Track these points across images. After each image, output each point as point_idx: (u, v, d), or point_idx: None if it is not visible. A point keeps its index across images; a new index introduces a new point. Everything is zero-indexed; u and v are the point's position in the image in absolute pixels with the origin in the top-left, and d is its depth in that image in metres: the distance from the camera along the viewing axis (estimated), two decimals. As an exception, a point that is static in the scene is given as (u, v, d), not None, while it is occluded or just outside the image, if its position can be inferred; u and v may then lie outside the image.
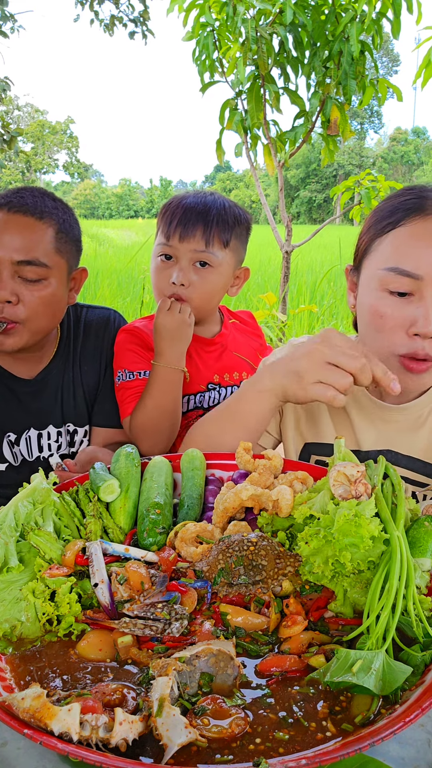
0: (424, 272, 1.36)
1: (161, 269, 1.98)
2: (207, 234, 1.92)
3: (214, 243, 1.93)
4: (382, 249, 1.45)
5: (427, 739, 0.85)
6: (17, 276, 1.75)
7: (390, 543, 0.96)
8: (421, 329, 1.37)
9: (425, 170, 57.76)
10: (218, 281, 1.98)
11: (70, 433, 2.05)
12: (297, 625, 0.97)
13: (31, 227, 1.76)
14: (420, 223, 1.40)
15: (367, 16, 4.28)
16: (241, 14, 4.40)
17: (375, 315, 1.44)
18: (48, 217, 1.80)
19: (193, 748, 0.77)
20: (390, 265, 1.40)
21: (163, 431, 1.88)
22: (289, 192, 65.61)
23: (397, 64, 77.20)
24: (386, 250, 1.43)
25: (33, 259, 1.74)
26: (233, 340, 2.21)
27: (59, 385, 2.02)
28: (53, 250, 1.80)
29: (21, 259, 1.73)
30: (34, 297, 1.77)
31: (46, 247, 1.78)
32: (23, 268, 1.74)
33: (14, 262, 1.73)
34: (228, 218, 1.97)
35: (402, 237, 1.41)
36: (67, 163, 74.70)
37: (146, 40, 9.22)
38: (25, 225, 1.76)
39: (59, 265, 1.83)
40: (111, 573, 1.07)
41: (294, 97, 4.91)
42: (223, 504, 1.23)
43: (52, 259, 1.79)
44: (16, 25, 9.02)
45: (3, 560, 1.04)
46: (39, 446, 2.00)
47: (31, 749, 0.83)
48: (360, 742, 0.74)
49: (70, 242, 1.87)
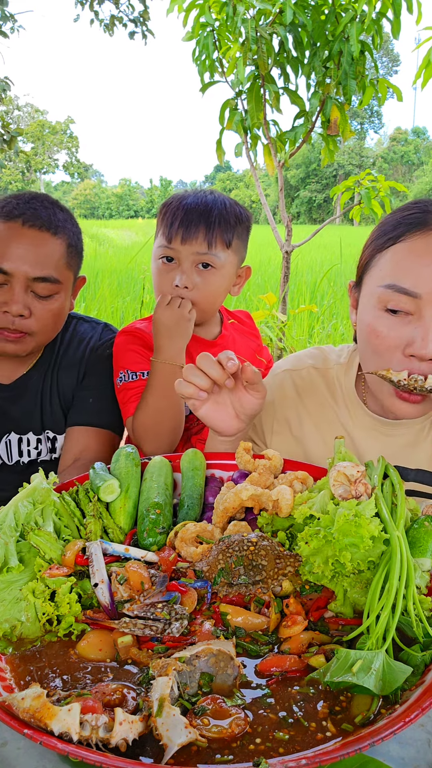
0: (423, 291, 1.30)
1: (163, 272, 1.96)
2: (209, 235, 1.89)
3: (216, 244, 1.90)
4: (381, 265, 1.40)
5: (427, 739, 0.85)
6: (30, 290, 1.75)
7: (390, 543, 0.96)
8: (417, 351, 1.31)
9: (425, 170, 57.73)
10: (221, 282, 1.96)
11: (51, 440, 2.04)
12: (297, 625, 0.97)
13: (46, 242, 1.76)
14: (420, 239, 1.34)
15: (367, 16, 4.28)
16: (241, 14, 4.40)
17: (372, 334, 1.39)
18: (61, 231, 1.80)
19: (193, 748, 0.77)
20: (388, 282, 1.35)
21: (165, 431, 1.86)
22: (289, 192, 65.62)
23: (397, 64, 77.21)
24: (385, 267, 1.39)
25: (47, 275, 1.75)
26: (233, 341, 2.19)
27: (38, 392, 2.00)
28: (65, 265, 1.81)
29: (36, 275, 1.74)
30: (46, 310, 1.79)
31: (59, 262, 1.78)
32: (37, 284, 1.75)
33: (29, 278, 1.73)
34: (230, 218, 1.94)
35: (401, 253, 1.36)
36: (67, 163, 74.70)
37: (146, 40, 9.22)
38: (41, 240, 1.75)
39: (68, 279, 1.84)
40: (111, 573, 1.07)
41: (294, 97, 4.90)
42: (223, 504, 1.22)
43: (63, 274, 1.80)
44: (16, 25, 9.02)
45: (3, 560, 1.04)
46: (19, 451, 2.00)
47: (31, 749, 0.83)
48: (360, 742, 0.74)
49: (77, 255, 1.89)
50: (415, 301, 1.31)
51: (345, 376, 1.66)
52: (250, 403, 1.44)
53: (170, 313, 1.86)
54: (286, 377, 1.72)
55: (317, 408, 1.67)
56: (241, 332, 2.27)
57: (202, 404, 1.42)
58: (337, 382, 1.66)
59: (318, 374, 1.69)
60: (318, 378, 1.68)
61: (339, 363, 1.68)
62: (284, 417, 1.71)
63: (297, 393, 1.69)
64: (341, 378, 1.66)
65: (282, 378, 1.73)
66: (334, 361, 1.70)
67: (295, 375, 1.71)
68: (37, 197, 1.86)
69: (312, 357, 1.74)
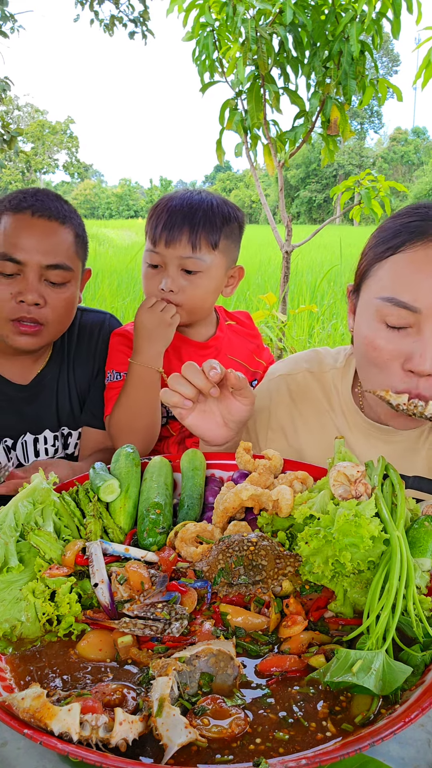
0: (423, 305, 1.26)
1: (150, 276, 1.95)
2: (193, 238, 1.85)
3: (201, 247, 1.87)
4: (380, 275, 1.36)
5: (427, 739, 0.85)
6: (43, 279, 1.77)
7: (390, 543, 0.96)
8: (416, 367, 1.27)
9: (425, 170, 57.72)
10: (209, 285, 1.94)
11: (64, 436, 2.05)
12: (297, 625, 0.97)
13: (56, 231, 1.79)
14: (421, 250, 1.29)
15: (367, 16, 4.27)
16: (241, 14, 4.40)
17: (369, 347, 1.35)
18: (68, 221, 1.83)
19: (193, 748, 0.77)
20: (387, 295, 1.31)
21: (137, 430, 1.86)
22: (289, 192, 65.61)
23: (397, 64, 77.22)
24: (384, 278, 1.34)
25: (60, 263, 1.78)
26: (228, 343, 2.17)
27: (54, 390, 2.02)
28: (74, 253, 1.84)
29: (49, 263, 1.76)
30: (60, 299, 1.81)
31: (69, 250, 1.81)
32: (50, 272, 1.77)
33: (42, 266, 1.76)
34: (216, 219, 1.90)
35: (401, 264, 1.31)
36: (67, 163, 74.71)
37: (146, 40, 9.22)
38: (51, 229, 1.78)
39: (78, 267, 1.87)
40: (111, 573, 1.07)
41: (294, 97, 4.90)
42: (223, 504, 1.22)
43: (74, 262, 1.83)
44: (16, 25, 9.02)
45: (3, 560, 1.04)
46: (35, 451, 2.01)
47: (31, 749, 0.83)
48: (360, 742, 0.74)
49: (84, 245, 1.91)
50: (415, 315, 1.28)
51: (341, 381, 1.63)
52: (238, 410, 1.43)
53: (151, 316, 1.85)
54: (281, 383, 1.69)
55: (313, 414, 1.64)
56: (238, 333, 2.25)
57: (188, 413, 1.42)
58: (334, 387, 1.64)
59: (313, 378, 1.66)
60: (313, 383, 1.66)
61: (335, 367, 1.66)
62: (279, 424, 1.68)
63: (291, 399, 1.67)
64: (337, 382, 1.63)
65: (277, 383, 1.70)
66: (330, 365, 1.67)
67: (290, 380, 1.68)
68: (42, 191, 1.90)
69: (307, 361, 1.70)
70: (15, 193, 1.87)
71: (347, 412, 1.61)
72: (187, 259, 1.87)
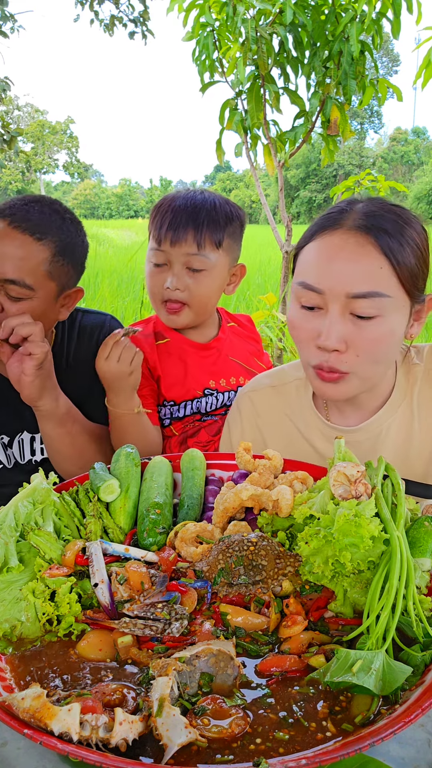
0: (325, 287, 1.38)
1: (155, 274, 1.94)
2: (198, 236, 1.87)
3: (206, 245, 1.88)
4: (299, 264, 1.50)
5: (427, 739, 0.85)
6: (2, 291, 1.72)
7: (390, 543, 0.96)
8: (322, 343, 1.39)
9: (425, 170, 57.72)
10: (213, 283, 1.95)
11: None
12: (297, 625, 0.97)
13: (26, 248, 1.71)
14: (328, 238, 1.42)
15: (367, 16, 4.27)
16: (241, 14, 4.40)
17: (291, 327, 1.50)
18: (48, 238, 1.75)
19: (193, 748, 0.77)
20: (299, 280, 1.44)
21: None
22: (289, 192, 65.60)
23: (397, 64, 77.20)
24: (300, 265, 1.49)
25: (18, 279, 1.70)
26: (230, 345, 2.17)
27: None
28: (44, 273, 1.75)
29: (6, 277, 1.69)
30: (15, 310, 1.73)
31: (35, 269, 1.73)
32: (8, 285, 1.71)
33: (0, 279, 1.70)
34: (219, 218, 1.92)
35: (310, 252, 1.45)
36: (67, 163, 74.68)
37: (146, 40, 9.21)
38: (20, 243, 1.71)
39: (47, 287, 1.78)
40: (111, 573, 1.07)
41: (294, 97, 4.90)
42: (223, 504, 1.22)
43: (39, 282, 1.74)
44: (16, 25, 9.01)
45: (3, 560, 1.04)
46: (32, 449, 2.00)
47: (31, 749, 0.83)
48: (360, 742, 0.74)
49: (68, 264, 1.82)
50: (321, 296, 1.39)
51: (304, 390, 1.70)
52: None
53: (108, 368, 1.77)
54: (245, 399, 1.77)
55: (273, 427, 1.72)
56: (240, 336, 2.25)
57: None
58: (296, 397, 1.70)
59: (274, 393, 1.74)
60: (274, 397, 1.73)
61: (298, 377, 1.72)
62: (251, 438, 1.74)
63: (256, 414, 1.74)
64: (300, 391, 1.70)
65: (243, 400, 1.78)
66: (293, 375, 1.74)
67: (254, 396, 1.76)
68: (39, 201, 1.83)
69: (269, 376, 1.80)
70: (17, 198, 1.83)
71: (309, 418, 1.66)
72: (192, 257, 1.88)
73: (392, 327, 1.39)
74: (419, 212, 1.52)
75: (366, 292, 1.34)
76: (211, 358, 2.09)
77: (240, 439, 1.73)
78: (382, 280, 1.35)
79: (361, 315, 1.36)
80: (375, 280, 1.35)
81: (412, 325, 1.48)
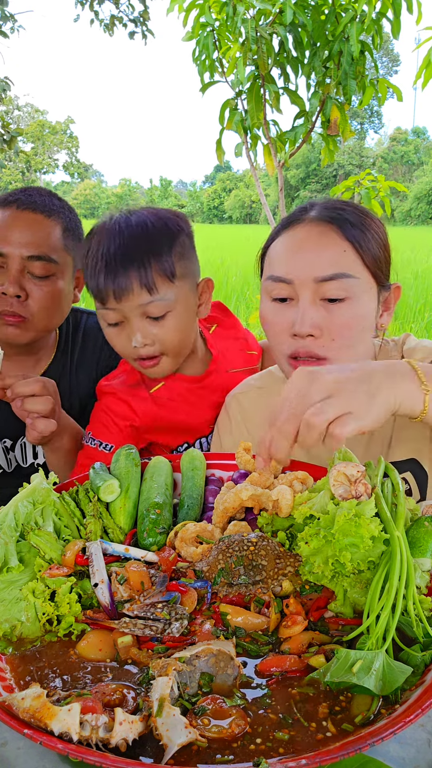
0: (294, 276, 1.44)
1: (114, 335, 1.67)
2: (145, 279, 1.55)
3: (158, 286, 1.57)
4: (267, 261, 1.56)
5: (427, 739, 0.85)
6: (26, 272, 1.77)
7: (390, 543, 0.96)
8: (297, 329, 1.43)
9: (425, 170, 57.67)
10: (182, 321, 1.66)
11: None
12: (297, 625, 0.97)
13: (40, 223, 1.79)
14: (290, 233, 1.50)
15: (367, 16, 4.27)
16: (241, 14, 4.40)
17: (264, 322, 1.55)
18: (56, 215, 1.83)
19: (193, 748, 0.77)
20: (268, 275, 1.51)
21: None
22: (289, 192, 65.56)
23: (397, 64, 77.23)
24: (268, 261, 1.55)
25: (42, 254, 1.77)
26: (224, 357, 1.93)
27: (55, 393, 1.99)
28: (61, 246, 1.83)
29: (31, 254, 1.76)
30: (42, 293, 1.80)
31: (54, 243, 1.80)
32: (32, 263, 1.77)
33: (24, 257, 1.75)
34: (160, 244, 1.59)
35: (277, 247, 1.52)
36: (67, 163, 74.69)
37: (146, 40, 9.22)
38: (35, 221, 1.79)
39: (66, 261, 1.85)
40: (111, 573, 1.07)
41: (294, 97, 4.90)
42: (223, 504, 1.22)
43: (60, 255, 1.82)
44: (16, 25, 9.02)
45: (3, 560, 1.04)
46: (34, 453, 2.00)
47: (31, 749, 0.83)
48: (360, 742, 0.74)
49: (76, 240, 1.89)
50: (291, 286, 1.45)
51: None
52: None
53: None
54: (233, 402, 1.78)
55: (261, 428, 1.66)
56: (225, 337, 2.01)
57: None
58: None
59: (262, 394, 1.74)
60: (261, 399, 1.73)
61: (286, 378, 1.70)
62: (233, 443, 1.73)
63: (243, 416, 1.75)
64: None
65: (229, 403, 1.79)
66: (281, 377, 1.72)
67: (242, 398, 1.77)
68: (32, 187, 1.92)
69: (257, 379, 1.80)
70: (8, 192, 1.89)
71: None
72: (147, 306, 1.58)
73: (363, 310, 1.44)
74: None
75: (333, 274, 1.41)
76: (213, 385, 1.87)
77: (230, 442, 1.74)
78: (347, 263, 1.42)
79: (331, 298, 1.42)
80: (340, 263, 1.42)
81: (381, 315, 1.52)
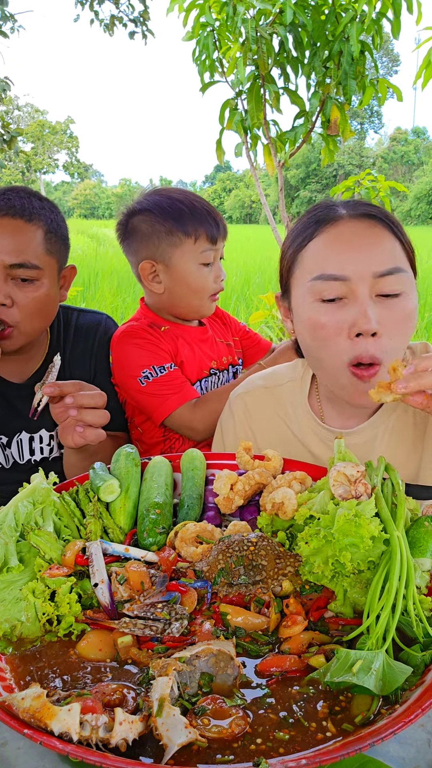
0: (350, 272, 1.36)
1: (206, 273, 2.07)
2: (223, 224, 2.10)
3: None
4: (305, 263, 1.45)
5: (427, 739, 0.85)
6: (9, 279, 1.75)
7: (390, 543, 0.96)
8: (362, 327, 1.34)
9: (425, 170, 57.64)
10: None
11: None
12: (297, 625, 0.97)
13: (21, 230, 1.76)
14: (332, 230, 1.42)
15: (367, 16, 4.27)
16: (241, 14, 4.40)
17: (315, 326, 1.41)
18: (36, 218, 1.80)
19: (193, 748, 0.77)
20: (316, 274, 1.40)
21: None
22: (289, 192, 65.57)
23: (397, 64, 77.23)
24: (309, 263, 1.44)
25: (24, 261, 1.74)
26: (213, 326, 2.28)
27: None
28: (44, 251, 1.80)
29: (13, 262, 1.73)
30: (28, 299, 1.77)
31: (36, 248, 1.78)
32: (15, 271, 1.74)
33: (6, 265, 1.73)
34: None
35: (320, 245, 1.43)
36: (67, 163, 74.67)
37: (146, 40, 9.22)
38: (15, 228, 1.75)
39: (50, 265, 1.83)
40: (111, 573, 1.07)
41: (294, 97, 4.90)
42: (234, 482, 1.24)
43: (43, 260, 1.79)
44: (16, 25, 9.03)
45: (3, 560, 1.04)
46: (30, 449, 2.00)
47: (31, 749, 0.83)
48: (360, 742, 0.74)
49: (59, 241, 1.87)
50: (346, 283, 1.36)
51: (299, 391, 1.67)
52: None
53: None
54: (238, 401, 1.75)
55: (266, 428, 1.69)
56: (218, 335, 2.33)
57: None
58: (290, 398, 1.68)
59: (267, 394, 1.71)
60: (267, 398, 1.71)
61: (293, 379, 1.70)
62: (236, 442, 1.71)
63: (248, 416, 1.72)
64: (295, 393, 1.67)
65: (234, 402, 1.76)
66: (287, 377, 1.71)
67: (247, 397, 1.74)
68: (12, 189, 1.87)
69: (262, 378, 1.77)
70: None
71: (304, 419, 1.63)
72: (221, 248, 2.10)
73: (414, 304, 1.40)
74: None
75: (391, 269, 1.36)
76: (209, 342, 2.20)
77: (232, 441, 1.73)
78: (400, 257, 1.40)
79: (388, 293, 1.36)
80: (395, 256, 1.38)
81: None
